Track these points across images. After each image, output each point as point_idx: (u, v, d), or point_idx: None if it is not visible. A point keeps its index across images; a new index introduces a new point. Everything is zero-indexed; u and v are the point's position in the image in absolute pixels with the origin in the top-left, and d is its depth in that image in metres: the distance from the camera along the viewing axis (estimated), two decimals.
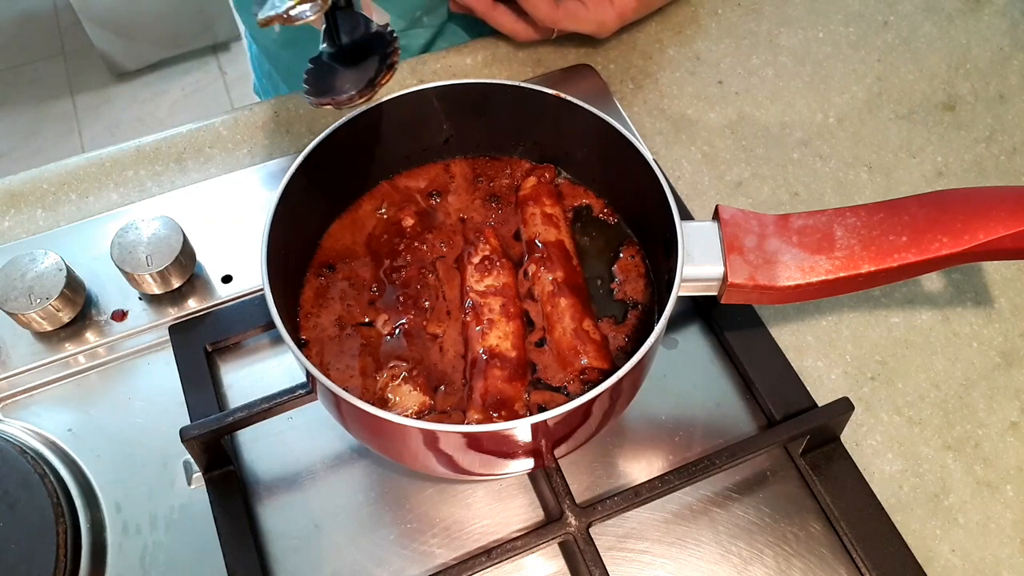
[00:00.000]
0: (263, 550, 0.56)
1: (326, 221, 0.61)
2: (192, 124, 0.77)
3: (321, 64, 0.57)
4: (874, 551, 0.54)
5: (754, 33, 0.84)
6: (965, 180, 0.73)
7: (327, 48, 0.57)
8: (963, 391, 0.62)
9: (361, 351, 0.55)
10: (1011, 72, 0.80)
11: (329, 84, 0.55)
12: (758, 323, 0.63)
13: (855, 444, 0.60)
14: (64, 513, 0.55)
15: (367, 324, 0.56)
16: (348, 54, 0.56)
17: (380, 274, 0.58)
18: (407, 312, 0.56)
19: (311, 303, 0.57)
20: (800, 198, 0.72)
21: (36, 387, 0.63)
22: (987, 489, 0.58)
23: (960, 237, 0.52)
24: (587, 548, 0.52)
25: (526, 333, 0.56)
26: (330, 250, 0.60)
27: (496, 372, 0.53)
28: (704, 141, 0.76)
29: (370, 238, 0.60)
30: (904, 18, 0.85)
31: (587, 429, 0.52)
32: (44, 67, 2.50)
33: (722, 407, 0.61)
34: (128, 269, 0.61)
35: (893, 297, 0.67)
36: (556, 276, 0.57)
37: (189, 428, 0.54)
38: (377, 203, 0.62)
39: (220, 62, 2.49)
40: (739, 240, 0.53)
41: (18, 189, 0.73)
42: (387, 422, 0.46)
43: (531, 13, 0.75)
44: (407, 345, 0.55)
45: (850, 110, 0.78)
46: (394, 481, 0.58)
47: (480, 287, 0.56)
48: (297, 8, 0.49)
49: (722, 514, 0.57)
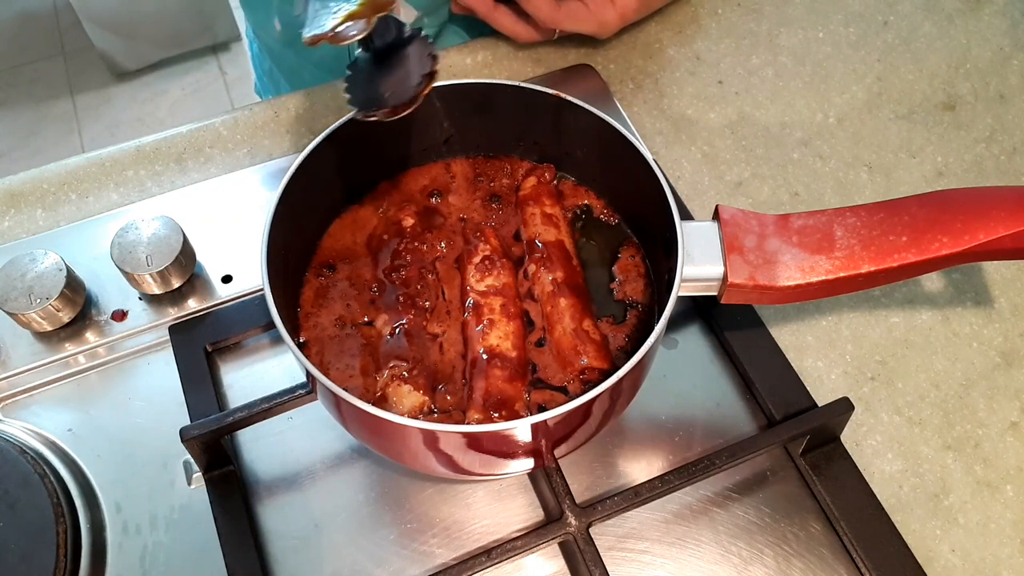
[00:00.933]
0: (263, 550, 0.56)
1: (326, 221, 0.61)
2: (192, 124, 0.77)
3: (358, 71, 0.56)
4: (874, 551, 0.54)
5: (754, 33, 0.84)
6: (965, 180, 0.73)
7: (362, 54, 0.56)
8: (963, 391, 0.62)
9: (361, 351, 0.55)
10: (1011, 72, 0.80)
11: (372, 95, 0.54)
12: (758, 323, 0.63)
13: (855, 444, 0.60)
14: (64, 513, 0.55)
15: (367, 324, 0.56)
16: (383, 58, 0.56)
17: (380, 274, 0.58)
18: (407, 312, 0.56)
19: (311, 303, 0.57)
20: (800, 198, 0.72)
21: (36, 387, 0.63)
22: (987, 489, 0.58)
23: (960, 237, 0.52)
24: (587, 548, 0.52)
25: (526, 333, 0.56)
26: (330, 250, 0.60)
27: (497, 372, 0.53)
28: (704, 141, 0.76)
29: (370, 238, 0.60)
30: (904, 18, 0.85)
31: (587, 429, 0.52)
32: (44, 67, 2.50)
33: (722, 407, 0.61)
34: (128, 269, 0.61)
35: (893, 297, 0.67)
36: (556, 276, 0.57)
37: (189, 428, 0.54)
38: (377, 203, 0.62)
39: (220, 62, 2.49)
40: (739, 240, 0.53)
41: (18, 189, 0.73)
42: (387, 422, 0.46)
43: (532, 14, 0.75)
44: (407, 345, 0.55)
45: (850, 110, 0.78)
46: (394, 481, 0.58)
47: (480, 287, 0.56)
48: (343, 26, 0.48)
49: (722, 514, 0.57)
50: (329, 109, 0.78)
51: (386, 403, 0.52)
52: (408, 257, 0.59)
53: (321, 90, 0.79)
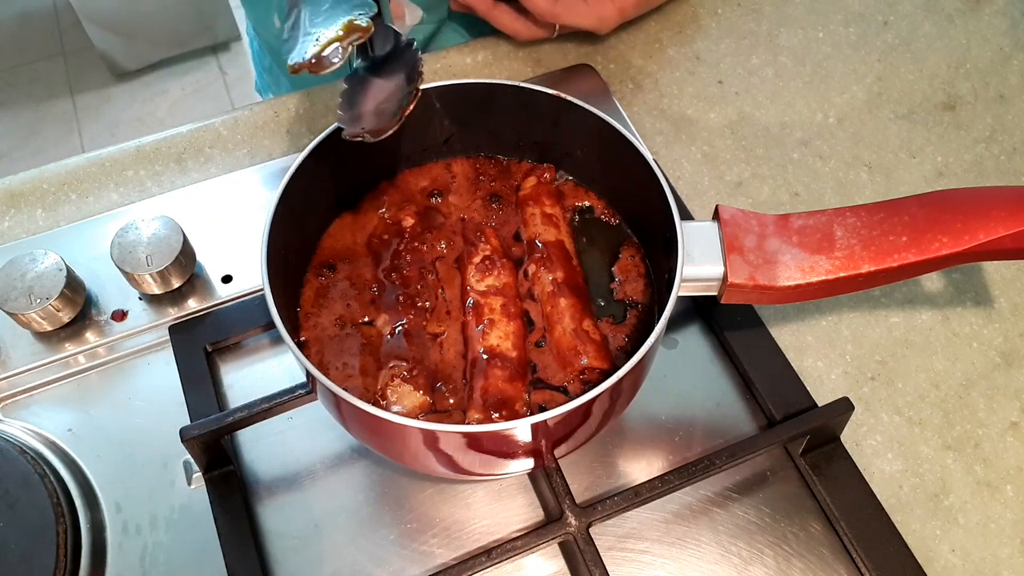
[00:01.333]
0: (263, 550, 0.56)
1: (326, 221, 0.61)
2: (192, 124, 0.77)
3: (354, 83, 0.55)
4: (874, 551, 0.54)
5: (754, 33, 0.84)
6: (965, 180, 0.73)
7: (361, 63, 0.56)
8: (963, 391, 0.62)
9: (361, 350, 0.55)
10: (1011, 72, 0.80)
11: (358, 111, 0.54)
12: (758, 323, 0.63)
13: (855, 444, 0.60)
14: (64, 513, 0.55)
15: (367, 323, 0.56)
16: (377, 70, 0.56)
17: (379, 274, 0.58)
18: (407, 312, 0.56)
19: (311, 303, 0.57)
20: (800, 198, 0.72)
21: (36, 387, 0.63)
22: (987, 489, 0.58)
23: (960, 237, 0.52)
24: (587, 548, 0.52)
25: (527, 333, 0.56)
26: (330, 250, 0.60)
27: (497, 372, 0.53)
28: (704, 141, 0.76)
29: (370, 238, 0.60)
30: (904, 18, 0.85)
31: (587, 429, 0.52)
32: (44, 67, 2.50)
33: (722, 407, 0.61)
34: (128, 269, 0.61)
35: (893, 297, 0.67)
36: (556, 276, 0.57)
37: (189, 428, 0.54)
38: (378, 203, 0.62)
39: (220, 62, 2.49)
40: (739, 240, 0.53)
41: (18, 189, 0.73)
42: (387, 422, 0.46)
43: (531, 9, 0.75)
44: (407, 345, 0.55)
45: (850, 110, 0.78)
46: (394, 481, 0.58)
47: (481, 287, 0.56)
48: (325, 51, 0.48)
49: (722, 514, 0.57)
50: (329, 109, 0.78)
51: (386, 402, 0.52)
52: (408, 257, 0.59)
53: (321, 90, 0.79)
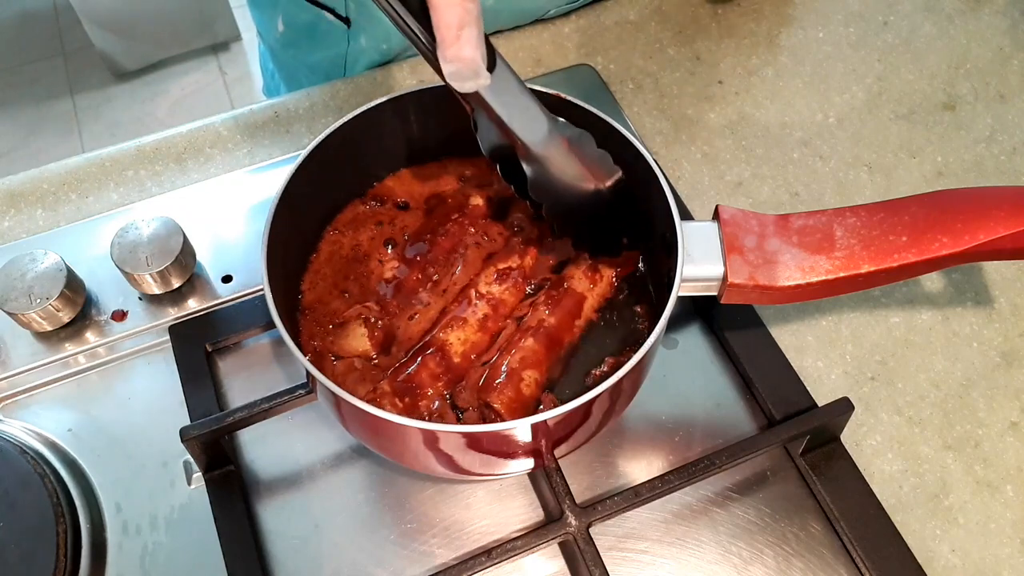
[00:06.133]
0: (263, 550, 0.56)
1: (326, 220, 0.60)
2: (192, 124, 0.77)
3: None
4: (874, 551, 0.54)
5: (754, 33, 0.84)
6: (965, 180, 0.73)
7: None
8: (963, 391, 0.62)
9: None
10: (1011, 72, 0.80)
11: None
12: (758, 323, 0.63)
13: (855, 444, 0.60)
14: (64, 513, 0.55)
15: (379, 262, 0.58)
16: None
17: (425, 231, 0.59)
18: (416, 271, 0.56)
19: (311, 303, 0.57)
20: (800, 198, 0.72)
21: (36, 387, 0.63)
22: (987, 489, 0.58)
23: (960, 237, 0.52)
24: (587, 548, 0.52)
25: (484, 350, 0.55)
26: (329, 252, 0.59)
27: (431, 365, 0.53)
28: (704, 141, 0.76)
29: (434, 195, 0.61)
30: (904, 18, 0.85)
31: (587, 429, 0.52)
32: (44, 67, 2.50)
33: (722, 407, 0.61)
34: (128, 269, 0.61)
35: (893, 297, 0.67)
36: (548, 320, 0.55)
37: (189, 428, 0.54)
38: (462, 168, 0.62)
39: (220, 62, 2.49)
40: (739, 240, 0.53)
41: (18, 189, 0.73)
42: (387, 422, 0.46)
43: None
44: (392, 296, 0.55)
45: (850, 110, 0.78)
46: (394, 481, 0.58)
47: (484, 288, 0.56)
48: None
49: (722, 514, 0.57)
50: (329, 109, 0.78)
51: (341, 330, 0.53)
52: (454, 229, 0.58)
53: (321, 90, 0.79)
